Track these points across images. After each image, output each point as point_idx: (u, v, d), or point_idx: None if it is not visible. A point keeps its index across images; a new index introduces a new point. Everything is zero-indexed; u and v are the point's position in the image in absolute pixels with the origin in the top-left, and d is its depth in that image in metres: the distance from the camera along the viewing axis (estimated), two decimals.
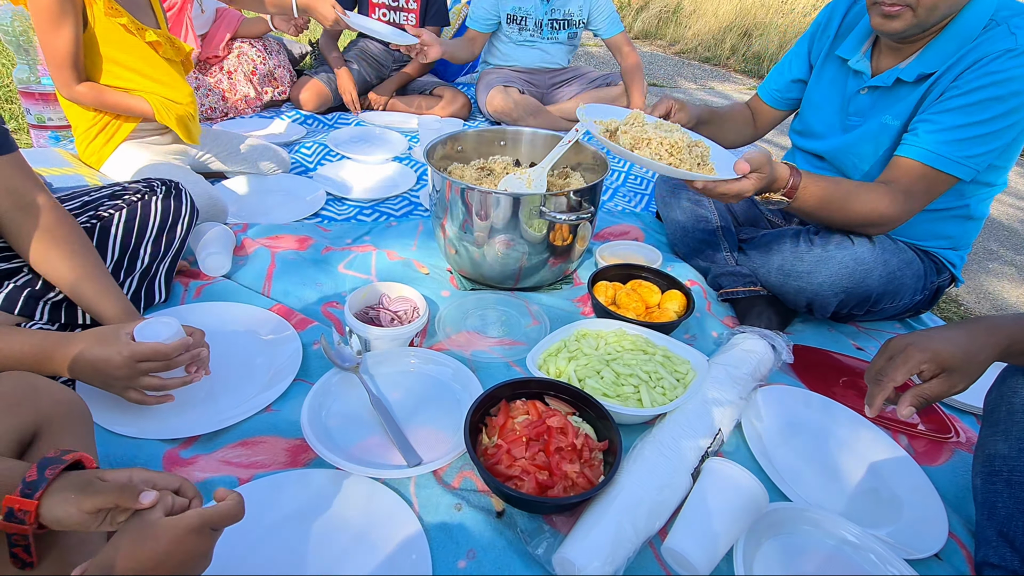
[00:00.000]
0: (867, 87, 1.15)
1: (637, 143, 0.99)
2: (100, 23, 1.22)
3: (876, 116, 1.14)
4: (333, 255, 1.34)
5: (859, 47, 1.16)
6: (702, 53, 5.29)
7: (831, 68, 1.23)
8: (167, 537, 0.46)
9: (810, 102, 1.29)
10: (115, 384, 0.75)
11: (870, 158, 1.16)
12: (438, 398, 0.95)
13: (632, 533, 0.69)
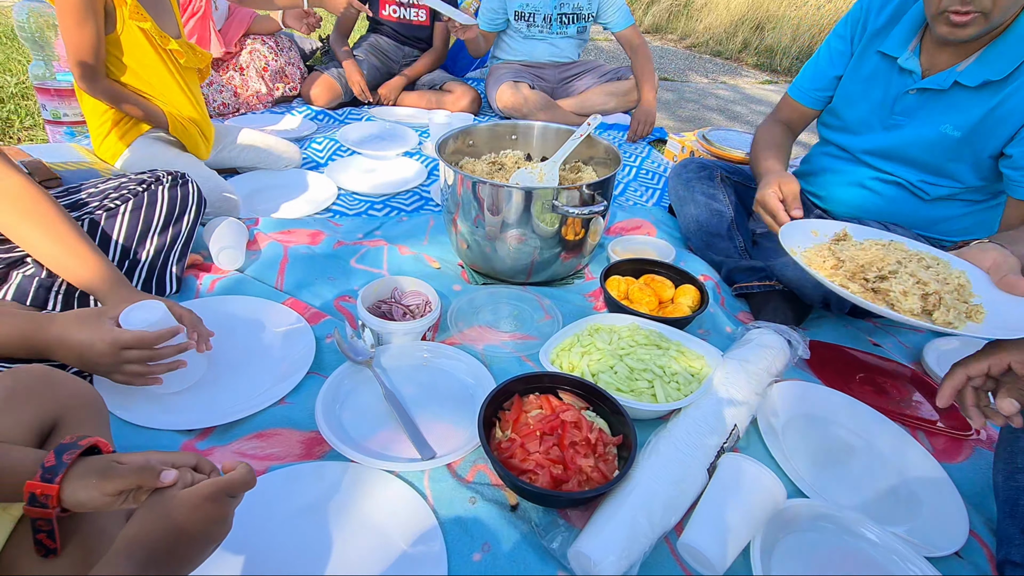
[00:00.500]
0: (916, 88, 1.09)
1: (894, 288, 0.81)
2: (127, 31, 1.23)
3: (929, 120, 1.09)
4: (345, 250, 1.35)
5: (907, 43, 1.10)
6: (713, 47, 5.23)
7: (872, 62, 1.17)
8: (186, 507, 0.47)
9: (845, 95, 1.23)
10: (99, 368, 0.75)
11: (927, 165, 1.12)
12: (451, 392, 0.95)
13: (648, 528, 0.68)
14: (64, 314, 0.72)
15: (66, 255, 0.82)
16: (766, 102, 3.49)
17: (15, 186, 0.82)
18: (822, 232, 0.98)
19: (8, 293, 0.84)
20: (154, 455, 0.52)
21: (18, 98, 1.99)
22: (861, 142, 1.22)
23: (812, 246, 0.95)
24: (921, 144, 1.11)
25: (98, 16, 1.18)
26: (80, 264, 0.83)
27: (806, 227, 0.99)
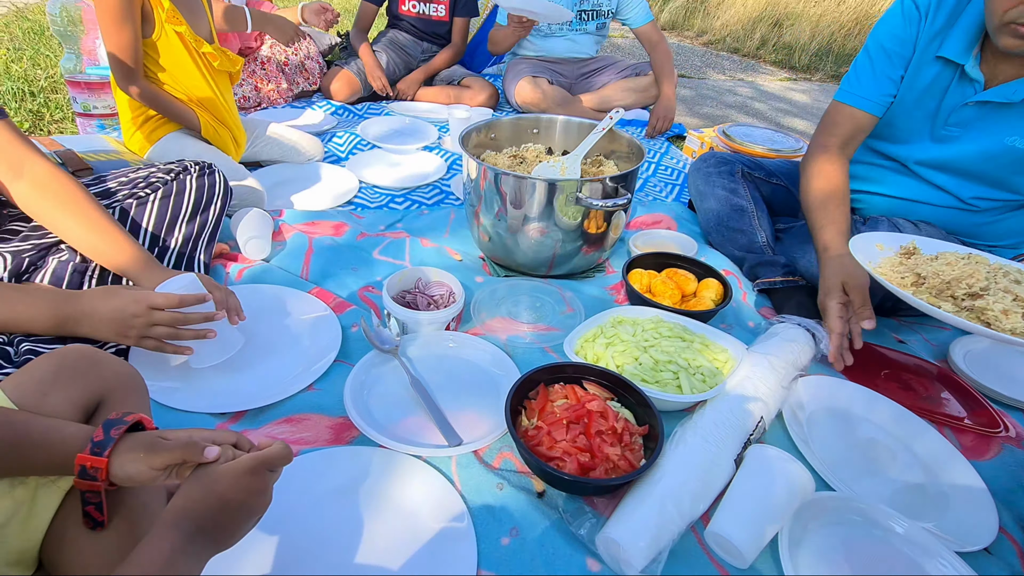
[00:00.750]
0: (976, 101, 1.03)
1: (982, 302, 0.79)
2: (164, 34, 1.26)
3: (989, 133, 1.03)
4: (367, 241, 1.36)
5: (970, 48, 1.02)
6: (731, 44, 5.18)
7: (931, 69, 1.08)
8: (230, 480, 0.49)
9: (901, 103, 1.13)
10: (131, 332, 0.76)
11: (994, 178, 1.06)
12: (476, 381, 0.96)
13: (676, 516, 0.69)
14: (92, 289, 0.74)
15: (100, 240, 0.85)
16: (787, 100, 3.45)
17: (44, 174, 0.84)
18: (887, 245, 0.94)
19: (45, 277, 0.86)
20: (197, 432, 0.54)
21: (48, 91, 2.03)
22: (911, 151, 1.14)
23: (881, 260, 0.90)
24: (982, 157, 1.05)
25: (136, 19, 1.21)
26: (114, 248, 0.85)
27: (870, 240, 0.95)
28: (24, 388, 0.57)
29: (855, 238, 0.97)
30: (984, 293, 0.78)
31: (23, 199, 0.83)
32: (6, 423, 0.52)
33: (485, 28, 2.87)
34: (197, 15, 1.36)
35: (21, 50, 2.44)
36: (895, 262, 0.89)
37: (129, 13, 1.19)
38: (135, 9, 1.20)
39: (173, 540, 0.45)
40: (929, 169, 1.15)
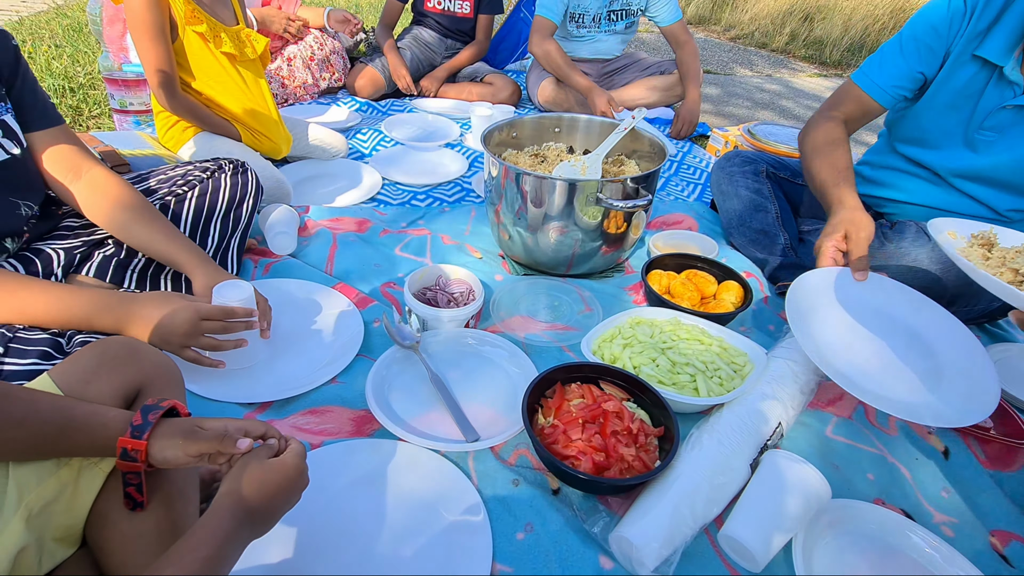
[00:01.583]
0: (1017, 105, 0.99)
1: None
2: (187, 37, 1.30)
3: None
4: (390, 238, 1.39)
5: (1012, 50, 0.97)
6: (759, 39, 5.07)
7: (968, 69, 1.04)
8: (279, 473, 0.54)
9: (932, 102, 1.09)
10: (174, 340, 0.80)
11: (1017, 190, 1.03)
12: (493, 378, 0.98)
13: (689, 517, 0.69)
14: (147, 294, 0.78)
15: (156, 237, 0.90)
16: (817, 96, 3.37)
17: (100, 176, 0.90)
18: (960, 233, 0.86)
19: (90, 271, 0.91)
20: (231, 423, 0.57)
21: (87, 88, 2.11)
22: (944, 159, 1.10)
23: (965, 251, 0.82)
24: (1019, 166, 1.02)
25: (167, 32, 1.25)
26: (169, 244, 0.90)
27: (941, 228, 0.87)
28: (70, 376, 0.61)
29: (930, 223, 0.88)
30: None
31: (81, 200, 0.89)
32: (54, 408, 0.56)
33: (508, 25, 2.87)
34: (220, 2, 1.38)
35: (61, 47, 2.53)
36: (979, 254, 0.80)
37: (162, 27, 1.23)
38: (166, 22, 1.24)
39: (228, 524, 0.49)
40: (964, 180, 1.11)
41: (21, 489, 0.54)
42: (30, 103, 0.85)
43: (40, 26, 2.94)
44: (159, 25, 1.23)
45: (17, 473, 0.55)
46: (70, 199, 0.89)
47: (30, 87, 0.86)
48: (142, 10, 1.22)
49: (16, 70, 0.84)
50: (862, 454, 0.92)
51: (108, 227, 0.91)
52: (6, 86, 0.82)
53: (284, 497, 0.54)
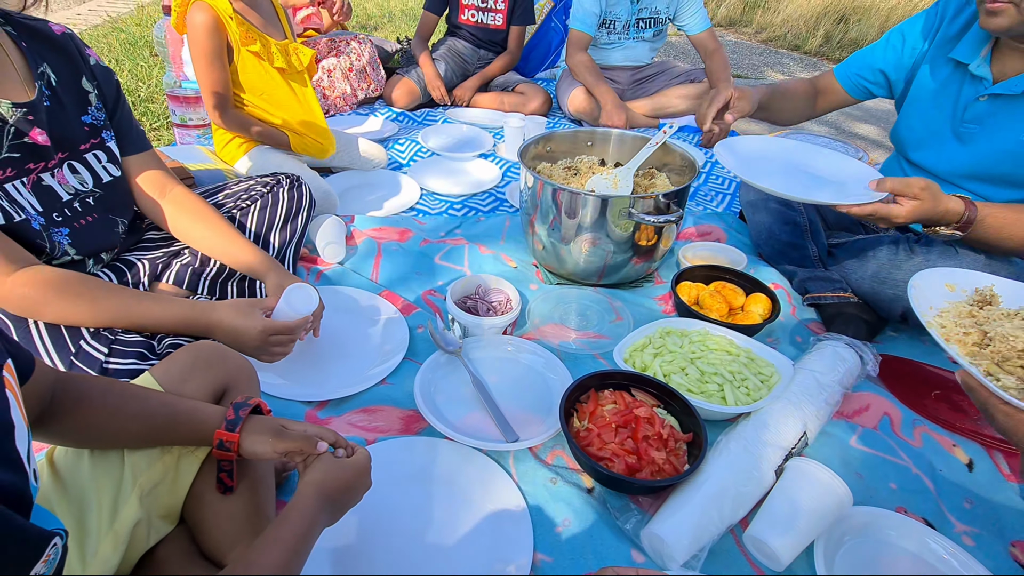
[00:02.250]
0: (988, 94, 1.08)
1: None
2: (242, 58, 1.40)
3: (1004, 128, 1.07)
4: (430, 247, 1.47)
5: (979, 49, 1.09)
6: (792, 41, 5.01)
7: (944, 70, 1.16)
8: (355, 469, 0.63)
9: (916, 104, 1.22)
10: (246, 349, 0.89)
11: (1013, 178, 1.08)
12: (531, 383, 1.05)
13: (717, 518, 0.75)
14: (224, 303, 0.87)
15: (229, 246, 1.00)
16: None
17: (181, 194, 1.00)
18: (960, 286, 0.81)
19: (170, 278, 1.01)
20: (310, 427, 0.65)
21: (147, 102, 2.26)
22: (941, 158, 1.18)
23: (948, 305, 0.78)
24: (1003, 156, 1.08)
25: (224, 56, 1.36)
26: (244, 253, 1.00)
27: (938, 278, 0.82)
28: (169, 375, 0.70)
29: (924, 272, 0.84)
30: None
31: (168, 216, 1.00)
32: (161, 403, 0.65)
33: (539, 34, 2.93)
34: (270, 20, 1.49)
35: (121, 62, 2.70)
36: (962, 309, 0.77)
37: (220, 53, 1.34)
38: (223, 47, 1.35)
39: (314, 508, 0.57)
40: (963, 179, 1.17)
41: (135, 472, 0.63)
42: (127, 131, 0.96)
43: (99, 40, 3.13)
44: (217, 51, 1.34)
45: (131, 458, 0.64)
46: (156, 214, 1.00)
47: (127, 117, 0.97)
48: (203, 38, 1.33)
49: (118, 102, 0.95)
50: (886, 464, 0.95)
51: (187, 238, 1.02)
52: (110, 116, 0.93)
53: (356, 491, 0.63)
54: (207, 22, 1.31)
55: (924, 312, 0.77)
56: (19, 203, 0.79)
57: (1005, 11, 0.96)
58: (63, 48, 0.87)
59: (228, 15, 1.35)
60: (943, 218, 0.98)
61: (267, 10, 1.50)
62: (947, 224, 1.00)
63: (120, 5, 4.21)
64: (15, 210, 0.78)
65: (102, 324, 0.84)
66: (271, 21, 1.51)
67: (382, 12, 4.65)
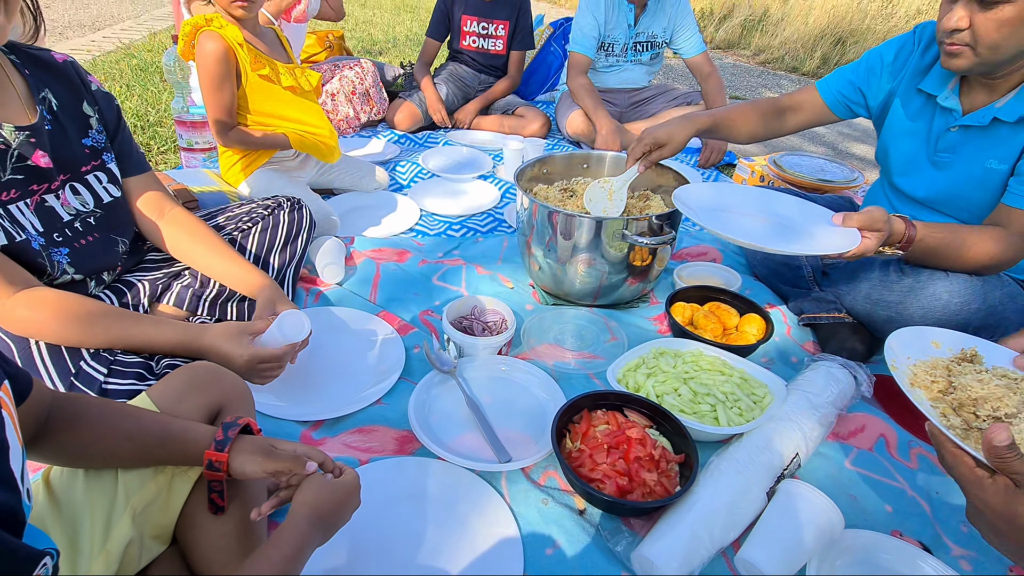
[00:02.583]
0: (958, 125, 1.11)
1: None
2: (251, 82, 1.45)
3: (973, 157, 1.10)
4: (428, 268, 1.49)
5: (946, 82, 1.12)
6: (789, 63, 5.09)
7: (917, 101, 1.18)
8: (345, 490, 0.64)
9: (892, 133, 1.24)
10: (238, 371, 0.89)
11: (981, 203, 1.12)
12: (525, 403, 1.05)
13: (707, 540, 0.75)
14: (215, 327, 0.89)
15: (226, 264, 1.02)
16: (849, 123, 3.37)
17: (180, 215, 1.03)
18: (945, 344, 0.86)
19: (171, 300, 1.03)
20: (299, 447, 0.66)
21: (156, 126, 2.32)
22: (913, 182, 1.21)
23: (929, 359, 0.82)
24: (972, 182, 1.11)
25: (232, 79, 1.40)
26: (238, 270, 1.02)
27: (926, 336, 0.87)
28: (164, 396, 0.72)
29: (912, 329, 0.87)
30: (1009, 420, 0.71)
31: (166, 236, 1.02)
32: (155, 423, 0.66)
33: (539, 58, 3.00)
34: (274, 47, 1.54)
35: (132, 88, 2.78)
36: (939, 363, 0.81)
37: (227, 76, 1.38)
38: (231, 72, 1.39)
39: (305, 529, 0.58)
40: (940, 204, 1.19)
41: (128, 491, 0.64)
42: (127, 153, 0.99)
43: (111, 66, 3.22)
44: (224, 77, 1.38)
45: (125, 479, 0.65)
46: (155, 235, 1.03)
47: (127, 139, 1.01)
48: (211, 64, 1.37)
49: (118, 126, 0.98)
50: (881, 486, 0.95)
51: (186, 258, 1.04)
52: (111, 139, 0.97)
53: (346, 511, 0.63)
54: (216, 50, 1.35)
55: (899, 358, 0.81)
56: (21, 223, 0.82)
57: (962, 53, 0.99)
58: (64, 75, 0.91)
59: (238, 42, 1.40)
60: (890, 239, 1.03)
61: (271, 39, 1.55)
62: (892, 244, 1.04)
63: (133, 32, 4.34)
64: (16, 230, 0.81)
65: (100, 346, 0.85)
66: (276, 49, 1.56)
67: (387, 38, 4.77)
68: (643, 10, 2.28)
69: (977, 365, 0.81)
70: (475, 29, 2.54)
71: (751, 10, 5.92)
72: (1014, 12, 0.91)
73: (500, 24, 2.52)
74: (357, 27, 5.10)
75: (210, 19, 1.38)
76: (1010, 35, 0.94)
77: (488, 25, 2.53)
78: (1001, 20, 0.92)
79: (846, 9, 5.64)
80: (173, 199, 1.06)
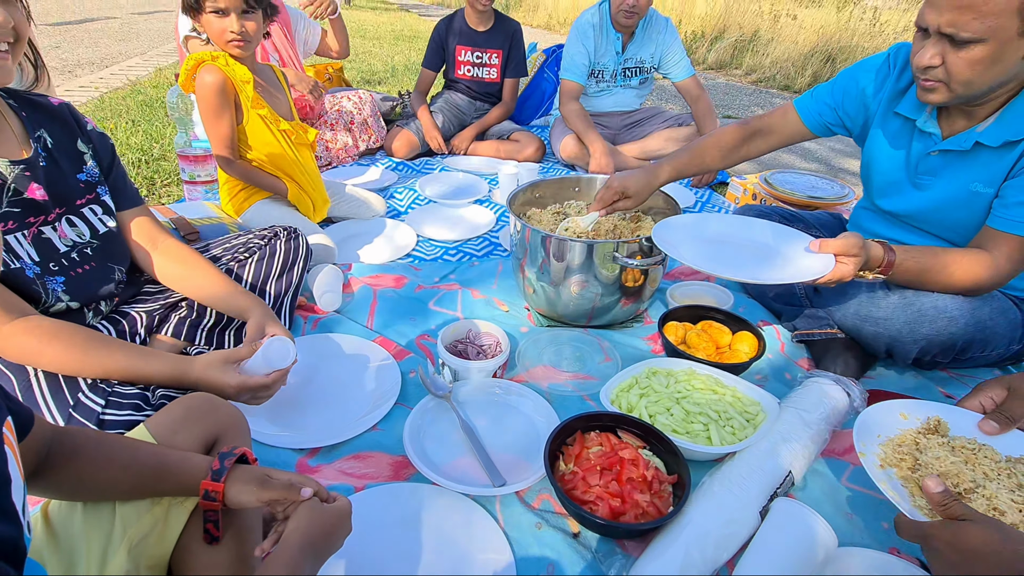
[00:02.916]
0: (938, 150, 1.11)
1: None
2: (251, 119, 1.50)
3: (955, 179, 1.10)
4: (424, 293, 1.51)
5: (924, 106, 1.12)
6: (781, 81, 5.19)
7: (893, 126, 1.19)
8: (335, 517, 0.64)
9: (872, 156, 1.25)
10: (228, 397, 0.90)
11: (967, 223, 1.12)
12: (519, 426, 1.06)
13: (700, 561, 0.75)
14: (200, 359, 0.89)
15: (218, 291, 1.04)
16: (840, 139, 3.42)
17: (172, 246, 1.07)
18: (912, 415, 0.94)
19: (168, 331, 1.06)
20: (294, 476, 0.67)
21: (159, 160, 2.38)
22: (897, 204, 1.21)
23: (897, 434, 0.91)
24: (955, 204, 1.11)
25: (231, 110, 1.46)
26: (230, 296, 1.05)
27: (893, 409, 0.94)
28: (161, 427, 0.73)
29: (879, 405, 0.96)
30: (967, 495, 0.78)
31: (157, 265, 1.05)
32: (151, 454, 0.67)
33: (533, 85, 3.08)
34: (276, 97, 1.59)
35: (137, 123, 2.86)
36: (907, 438, 0.89)
37: (226, 107, 1.43)
38: (230, 103, 1.45)
39: (298, 555, 0.58)
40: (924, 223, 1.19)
41: (125, 523, 0.65)
42: (121, 187, 1.04)
43: (118, 102, 3.32)
44: (223, 108, 1.43)
45: (122, 510, 0.66)
46: (148, 265, 1.06)
47: (121, 175, 1.05)
48: (211, 96, 1.42)
49: (113, 163, 1.03)
50: (878, 503, 0.94)
51: (177, 286, 1.07)
52: (105, 174, 1.00)
53: (337, 537, 0.64)
54: (215, 83, 1.40)
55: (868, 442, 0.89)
56: (17, 253, 0.85)
57: (937, 88, 1.00)
58: (60, 116, 0.95)
59: (244, 80, 1.45)
60: (868, 264, 1.03)
61: (270, 77, 1.61)
62: (871, 269, 1.04)
63: (139, 68, 4.48)
64: (10, 259, 0.84)
65: (94, 375, 0.87)
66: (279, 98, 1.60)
67: (386, 68, 4.89)
68: (631, 38, 2.35)
69: (942, 436, 0.87)
70: (469, 59, 2.61)
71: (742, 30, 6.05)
72: (984, 52, 0.91)
73: (494, 53, 2.60)
74: (357, 58, 5.24)
75: (216, 56, 1.43)
76: (983, 72, 0.94)
77: (482, 54, 2.60)
78: (973, 59, 0.93)
79: (835, 28, 5.77)
80: (166, 231, 1.09)
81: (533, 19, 9.17)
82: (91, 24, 6.55)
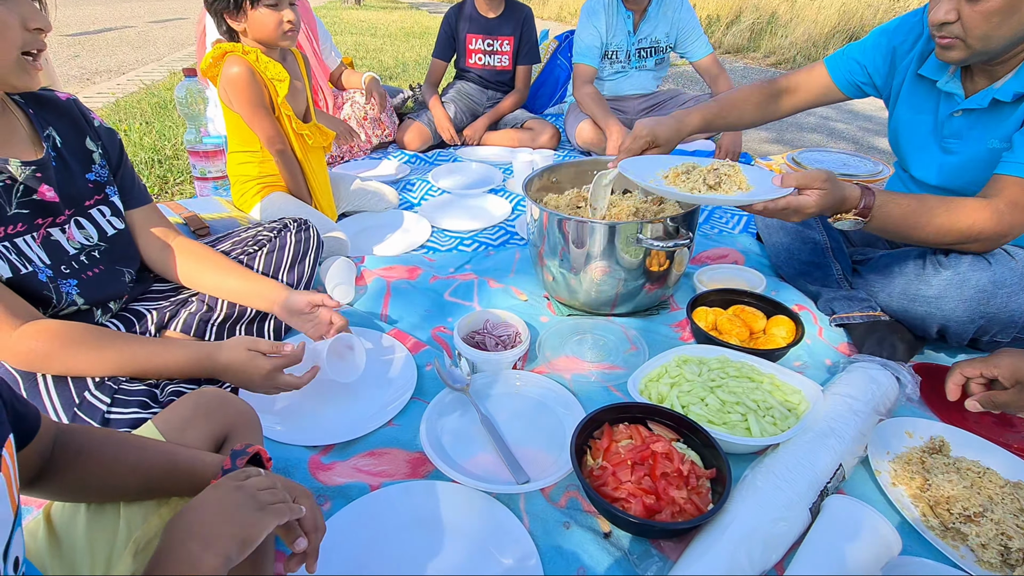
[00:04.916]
0: (961, 109, 1.08)
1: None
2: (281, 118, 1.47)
3: (978, 139, 1.07)
4: (439, 284, 1.46)
5: (946, 67, 1.09)
6: (801, 62, 5.02)
7: (920, 89, 1.16)
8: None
9: (899, 122, 1.21)
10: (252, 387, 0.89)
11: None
12: (542, 419, 1.00)
13: (747, 563, 0.68)
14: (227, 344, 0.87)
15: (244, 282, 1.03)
16: (870, 118, 3.28)
17: (184, 243, 1.04)
18: (917, 434, 0.95)
19: (178, 326, 1.02)
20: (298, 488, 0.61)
21: (172, 159, 2.38)
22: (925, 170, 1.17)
23: (904, 451, 0.92)
24: (979, 165, 1.07)
25: (267, 104, 1.44)
26: (257, 286, 1.03)
27: (899, 427, 0.96)
28: (170, 424, 0.69)
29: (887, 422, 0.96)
30: (976, 519, 0.78)
31: (172, 263, 1.02)
32: (160, 453, 0.63)
33: (546, 71, 3.00)
34: (298, 98, 1.56)
35: (151, 124, 2.87)
36: (914, 457, 0.90)
37: (260, 101, 1.41)
38: (264, 97, 1.42)
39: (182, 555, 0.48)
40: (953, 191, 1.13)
41: (130, 526, 0.61)
42: (129, 186, 1.00)
43: (133, 105, 3.34)
44: (259, 98, 1.41)
45: (127, 513, 0.62)
46: (160, 265, 1.03)
47: (130, 174, 1.02)
48: (243, 86, 1.38)
49: (121, 161, 1.00)
50: None
51: (195, 283, 1.04)
52: (114, 173, 0.97)
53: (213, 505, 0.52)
54: (243, 73, 1.38)
55: (880, 456, 0.91)
56: (27, 256, 0.82)
57: (955, 45, 0.98)
58: (67, 112, 0.92)
59: (279, 79, 1.43)
60: (843, 205, 0.98)
61: (296, 73, 1.57)
62: (848, 210, 0.99)
63: (155, 73, 4.51)
64: (23, 263, 0.81)
65: (108, 373, 0.84)
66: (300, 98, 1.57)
67: (397, 63, 4.86)
68: (642, 16, 2.26)
69: (945, 456, 0.91)
70: (481, 47, 2.55)
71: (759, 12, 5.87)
72: (1000, 2, 0.90)
73: (505, 40, 2.53)
74: (368, 55, 5.22)
75: (248, 51, 1.41)
76: (999, 25, 0.93)
77: (493, 42, 2.54)
78: (988, 11, 0.91)
79: (856, 5, 5.56)
80: (175, 229, 1.06)
81: (543, 11, 9.06)
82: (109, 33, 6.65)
